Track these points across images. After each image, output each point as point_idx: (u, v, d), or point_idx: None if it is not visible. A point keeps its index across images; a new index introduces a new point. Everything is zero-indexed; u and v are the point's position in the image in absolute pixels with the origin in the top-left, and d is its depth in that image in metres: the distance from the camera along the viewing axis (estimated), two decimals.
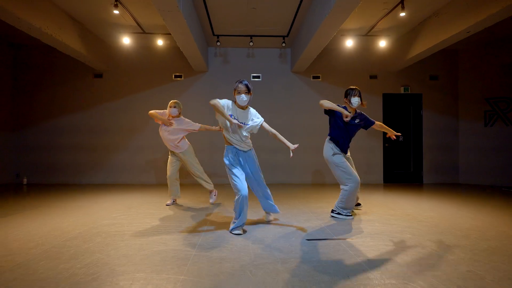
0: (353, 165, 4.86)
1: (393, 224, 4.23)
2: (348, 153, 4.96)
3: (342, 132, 4.59)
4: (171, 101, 5.56)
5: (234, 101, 3.92)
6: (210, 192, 5.96)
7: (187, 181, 8.52)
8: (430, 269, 2.61)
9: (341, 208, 4.57)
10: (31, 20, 5.83)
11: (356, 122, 4.59)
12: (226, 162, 3.95)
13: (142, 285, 2.31)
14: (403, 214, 4.85)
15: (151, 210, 5.19)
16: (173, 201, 5.79)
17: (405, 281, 2.38)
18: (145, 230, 3.89)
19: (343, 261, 2.82)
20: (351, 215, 4.61)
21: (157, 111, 5.56)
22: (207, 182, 5.87)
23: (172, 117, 5.56)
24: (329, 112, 4.66)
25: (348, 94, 4.60)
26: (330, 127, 4.75)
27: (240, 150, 4.01)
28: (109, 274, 2.53)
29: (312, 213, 4.96)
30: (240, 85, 3.81)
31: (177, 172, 5.73)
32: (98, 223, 4.23)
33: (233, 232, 3.76)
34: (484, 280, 2.40)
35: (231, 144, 3.97)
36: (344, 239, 3.52)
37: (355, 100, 4.52)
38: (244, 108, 3.97)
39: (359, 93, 4.55)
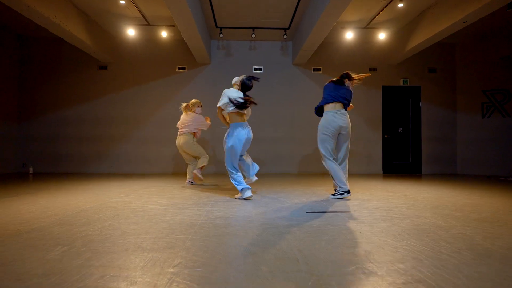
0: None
1: (391, 202, 4.39)
2: None
3: None
4: (196, 101, 6.41)
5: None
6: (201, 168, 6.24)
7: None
8: (423, 232, 2.77)
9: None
10: (40, 8, 6.00)
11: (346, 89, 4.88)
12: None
13: (153, 242, 2.47)
14: (401, 195, 5.01)
15: (157, 191, 5.35)
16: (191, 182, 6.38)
17: (398, 239, 2.54)
18: (152, 206, 4.04)
19: (342, 226, 2.97)
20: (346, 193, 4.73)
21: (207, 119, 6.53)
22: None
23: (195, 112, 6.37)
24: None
25: (343, 77, 4.83)
26: None
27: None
28: (120, 235, 2.68)
29: (313, 194, 5.12)
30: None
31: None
32: (107, 201, 4.38)
33: (245, 196, 4.48)
34: (474, 239, 2.56)
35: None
36: (343, 211, 3.68)
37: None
38: None
39: (350, 78, 4.80)
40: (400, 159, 9.42)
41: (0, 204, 4.05)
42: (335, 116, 4.66)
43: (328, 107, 4.80)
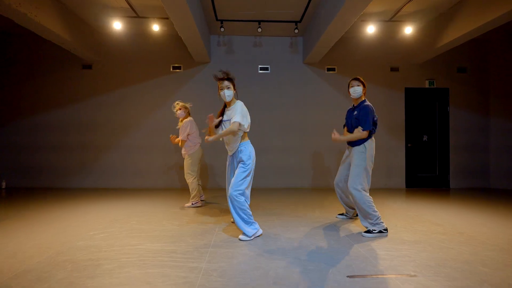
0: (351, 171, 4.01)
1: (452, 247, 3.31)
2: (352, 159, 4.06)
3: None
4: (177, 104, 5.72)
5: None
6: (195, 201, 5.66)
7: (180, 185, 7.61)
8: None
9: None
10: None
11: (354, 114, 4.14)
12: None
13: None
14: (455, 232, 3.92)
15: (142, 224, 4.28)
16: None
17: None
18: (128, 256, 2.97)
19: None
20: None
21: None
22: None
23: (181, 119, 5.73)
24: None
25: (348, 84, 4.24)
26: None
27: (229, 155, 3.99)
28: None
29: (340, 227, 4.01)
30: (222, 82, 3.79)
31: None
32: (69, 245, 3.32)
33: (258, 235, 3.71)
34: None
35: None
36: (399, 274, 2.57)
37: (353, 90, 4.14)
38: (229, 104, 3.88)
39: (356, 82, 4.13)
40: (426, 171, 8.38)
41: None
42: None
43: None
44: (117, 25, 7.14)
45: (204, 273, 2.60)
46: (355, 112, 4.07)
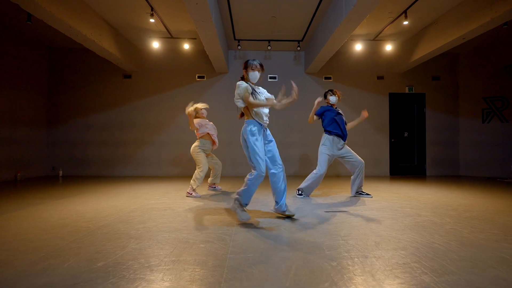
0: (352, 153, 5.62)
1: (396, 202, 5.03)
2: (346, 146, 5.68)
3: (335, 123, 5.55)
4: (202, 105, 6.31)
5: (247, 80, 3.88)
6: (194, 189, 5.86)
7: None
8: (422, 228, 3.40)
9: (303, 187, 5.56)
10: (79, 28, 6.70)
11: (341, 113, 5.70)
12: (251, 136, 3.72)
13: (206, 234, 3.13)
14: (405, 196, 5.64)
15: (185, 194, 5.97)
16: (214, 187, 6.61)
17: (401, 233, 3.18)
18: (189, 207, 4.68)
19: (355, 223, 3.62)
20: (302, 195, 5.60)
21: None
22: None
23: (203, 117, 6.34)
24: (320, 114, 5.72)
25: (326, 94, 5.77)
26: (324, 125, 5.68)
27: (264, 127, 3.87)
28: (175, 229, 3.35)
29: (329, 196, 5.76)
30: (255, 62, 3.81)
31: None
32: (147, 202, 5.00)
33: (242, 218, 3.72)
34: (461, 233, 3.19)
35: (256, 120, 3.81)
36: (355, 211, 4.33)
37: (333, 98, 5.67)
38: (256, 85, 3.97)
39: (336, 93, 5.70)
40: (406, 162, 10.00)
41: (56, 206, 4.73)
42: None
43: None
44: (155, 44, 8.80)
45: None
46: (341, 111, 5.72)
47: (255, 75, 3.80)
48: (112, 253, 2.60)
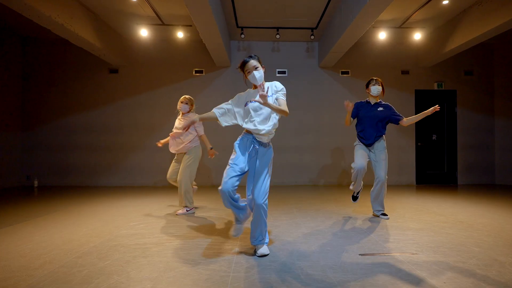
0: (381, 164, 4.58)
1: (450, 233, 3.79)
2: (380, 153, 4.63)
3: (362, 123, 4.66)
4: (182, 97, 5.15)
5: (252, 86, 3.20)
6: (185, 207, 4.94)
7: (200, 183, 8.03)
8: None
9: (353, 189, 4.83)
10: (40, 7, 5.36)
11: (378, 109, 4.61)
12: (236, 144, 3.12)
13: None
14: (455, 221, 4.40)
15: (173, 217, 4.75)
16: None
17: None
18: (169, 243, 3.44)
19: (413, 281, 2.33)
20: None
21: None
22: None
23: (183, 114, 5.14)
24: (355, 114, 4.76)
25: (368, 83, 4.72)
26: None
27: (257, 140, 3.09)
28: None
29: (351, 216, 4.57)
30: (247, 64, 3.04)
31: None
32: (115, 234, 3.77)
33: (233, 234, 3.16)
34: None
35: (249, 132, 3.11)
36: (403, 253, 3.09)
37: (375, 89, 4.61)
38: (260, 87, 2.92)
39: (380, 83, 4.64)
40: (435, 169, 8.81)
41: None
42: None
43: None
44: (143, 32, 7.56)
45: (237, 251, 3.06)
46: (380, 108, 4.60)
47: (252, 76, 3.03)
48: None
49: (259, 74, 3.02)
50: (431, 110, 4.31)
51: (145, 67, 8.60)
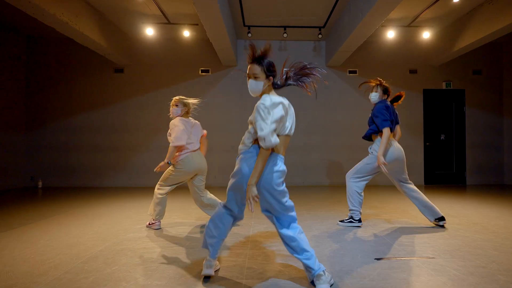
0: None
1: (466, 235, 3.70)
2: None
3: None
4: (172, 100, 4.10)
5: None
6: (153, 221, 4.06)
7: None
8: None
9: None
10: (45, 5, 5.29)
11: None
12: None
13: None
14: (469, 223, 4.32)
15: (181, 218, 4.68)
16: None
17: None
18: (178, 246, 3.34)
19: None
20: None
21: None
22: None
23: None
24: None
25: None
26: None
27: None
28: None
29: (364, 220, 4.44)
30: (249, 67, 2.40)
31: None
32: (121, 237, 3.65)
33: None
34: None
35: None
36: (420, 257, 3.00)
37: (372, 96, 4.22)
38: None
39: (378, 86, 4.16)
40: (443, 169, 8.71)
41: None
42: None
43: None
44: (149, 31, 7.48)
45: (248, 257, 2.97)
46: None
47: (248, 84, 2.41)
48: None
49: (252, 86, 2.39)
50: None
51: (150, 67, 8.52)
